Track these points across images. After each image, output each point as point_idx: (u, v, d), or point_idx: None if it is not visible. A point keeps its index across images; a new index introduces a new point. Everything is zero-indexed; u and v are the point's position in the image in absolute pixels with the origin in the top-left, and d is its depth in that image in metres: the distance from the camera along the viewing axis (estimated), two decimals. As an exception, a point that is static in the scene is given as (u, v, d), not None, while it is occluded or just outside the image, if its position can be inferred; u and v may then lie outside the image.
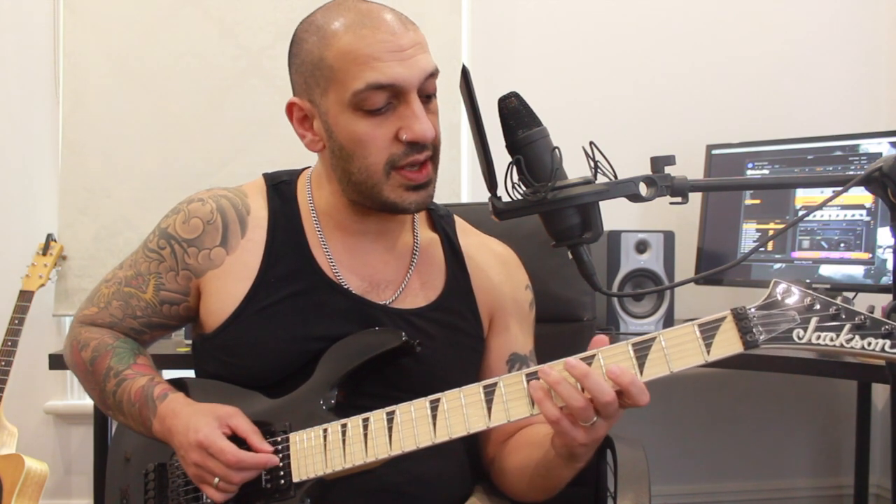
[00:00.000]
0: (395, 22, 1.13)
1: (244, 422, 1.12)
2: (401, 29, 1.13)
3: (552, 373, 0.99)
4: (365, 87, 1.10)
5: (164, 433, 1.16)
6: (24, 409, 2.58)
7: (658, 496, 2.68)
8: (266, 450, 1.10)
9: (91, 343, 1.26)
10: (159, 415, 1.17)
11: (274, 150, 2.52)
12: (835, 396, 2.80)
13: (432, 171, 1.18)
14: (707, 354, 0.97)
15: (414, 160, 1.14)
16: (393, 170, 1.15)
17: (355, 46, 1.11)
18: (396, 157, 1.14)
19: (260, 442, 1.11)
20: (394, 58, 1.10)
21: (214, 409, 1.14)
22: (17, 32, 2.57)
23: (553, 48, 2.69)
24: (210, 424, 1.11)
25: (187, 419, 1.13)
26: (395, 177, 1.15)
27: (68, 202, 2.53)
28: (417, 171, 1.15)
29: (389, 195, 1.16)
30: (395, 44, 1.11)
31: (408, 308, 1.24)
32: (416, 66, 1.12)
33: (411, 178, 1.15)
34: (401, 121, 1.13)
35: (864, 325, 0.92)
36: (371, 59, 1.10)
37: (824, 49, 2.75)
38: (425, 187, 1.17)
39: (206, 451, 1.09)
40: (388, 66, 1.10)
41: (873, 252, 2.14)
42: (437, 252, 1.31)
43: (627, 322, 2.33)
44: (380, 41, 1.11)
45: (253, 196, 1.27)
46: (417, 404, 1.06)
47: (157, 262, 1.24)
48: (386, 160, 1.14)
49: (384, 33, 1.11)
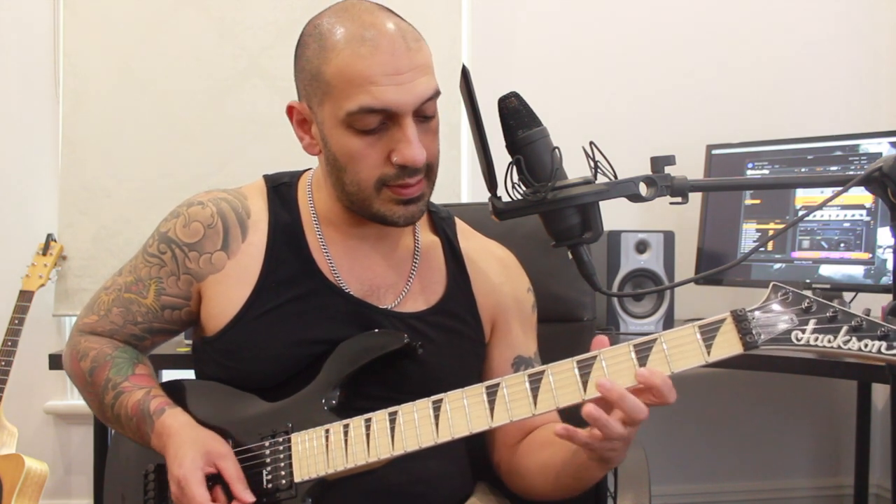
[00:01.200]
0: (397, 39, 1.10)
1: (232, 466, 1.11)
2: (401, 48, 1.10)
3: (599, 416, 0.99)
4: (358, 110, 1.09)
5: (160, 448, 1.16)
6: (24, 409, 2.58)
7: (658, 496, 2.68)
8: (246, 500, 1.08)
9: (90, 353, 1.25)
10: (156, 430, 1.16)
11: (273, 150, 2.51)
12: (835, 396, 2.80)
13: (426, 187, 1.17)
14: (707, 355, 0.98)
15: (405, 183, 1.13)
16: (384, 186, 1.14)
17: (352, 66, 1.09)
18: (387, 178, 1.13)
19: (242, 491, 1.09)
20: (390, 82, 1.08)
21: (207, 444, 1.12)
22: (17, 32, 2.58)
23: (553, 48, 2.70)
24: (194, 462, 1.09)
25: (178, 447, 1.12)
26: (385, 192, 1.15)
27: (68, 202, 2.53)
28: (409, 187, 1.14)
29: (380, 208, 1.16)
30: (393, 66, 1.08)
31: (409, 312, 1.24)
32: (412, 91, 1.09)
33: (401, 194, 1.15)
34: (393, 143, 1.11)
35: (861, 327, 0.94)
36: (366, 82, 1.08)
37: (824, 49, 2.75)
38: (416, 202, 1.16)
39: (182, 490, 1.08)
40: (382, 91, 1.08)
41: (873, 252, 2.14)
42: (438, 255, 1.30)
43: (627, 322, 2.33)
44: (377, 63, 1.08)
45: (253, 198, 1.26)
46: (420, 405, 1.07)
47: (158, 267, 1.23)
48: (377, 178, 1.13)
49: (382, 54, 1.08)
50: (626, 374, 1.00)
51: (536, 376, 1.03)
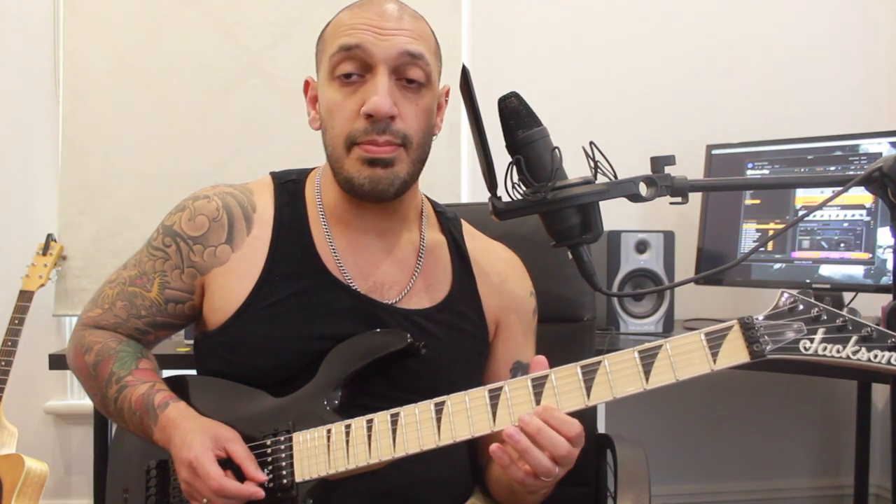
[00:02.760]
0: (391, 9, 1.17)
1: (241, 448, 1.11)
2: (393, 16, 1.16)
3: (522, 440, 1.00)
4: (337, 50, 1.15)
5: (164, 442, 1.16)
6: (24, 409, 2.58)
7: (658, 496, 2.68)
8: (259, 479, 1.09)
9: (94, 347, 1.25)
10: (160, 424, 1.16)
11: (274, 150, 2.52)
12: (835, 396, 2.81)
13: (404, 160, 1.16)
14: (713, 363, 0.98)
15: (372, 139, 1.14)
16: (354, 145, 1.15)
17: (342, 21, 1.17)
18: (356, 133, 1.14)
19: (254, 470, 1.09)
20: (369, 30, 1.14)
21: (214, 429, 1.13)
22: (17, 32, 2.58)
23: (553, 48, 2.70)
24: (204, 444, 1.09)
25: (185, 434, 1.12)
26: (355, 151, 1.16)
27: (68, 202, 2.53)
28: (377, 146, 1.14)
29: (349, 170, 1.16)
30: (378, 24, 1.15)
31: (413, 308, 1.24)
32: (390, 40, 1.14)
33: (368, 150, 1.14)
34: (366, 95, 1.14)
35: (871, 337, 0.93)
36: (348, 28, 1.15)
37: (824, 49, 2.75)
38: (384, 165, 1.15)
39: (194, 471, 1.08)
40: (360, 33, 1.14)
41: (873, 252, 2.13)
42: (444, 254, 1.31)
43: (627, 322, 2.33)
44: (363, 18, 1.15)
45: (259, 193, 1.27)
46: (422, 406, 1.07)
47: (163, 261, 1.24)
48: (347, 134, 1.15)
49: (372, 14, 1.15)
50: (630, 379, 1.00)
51: (540, 380, 1.03)
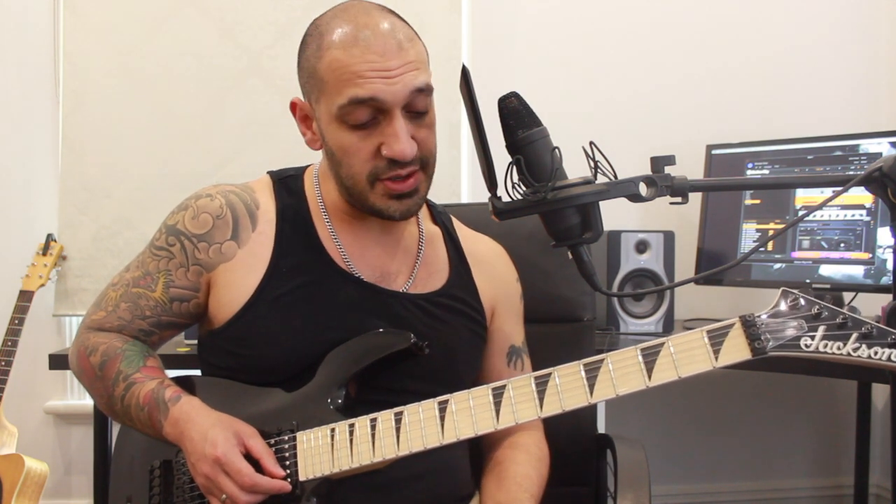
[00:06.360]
0: (389, 40, 1.13)
1: (260, 443, 1.12)
2: (393, 49, 1.13)
3: None
4: (347, 102, 1.13)
5: (176, 436, 1.15)
6: (24, 409, 2.59)
7: (658, 496, 2.68)
8: (279, 474, 1.10)
9: (100, 348, 1.25)
10: (171, 418, 1.16)
11: (274, 150, 2.52)
12: (835, 396, 2.81)
13: (423, 181, 1.20)
14: (715, 361, 0.99)
15: (396, 174, 1.16)
16: (377, 181, 1.17)
17: (343, 63, 1.13)
18: (379, 171, 1.16)
19: (274, 466, 1.11)
20: (378, 76, 1.12)
21: (234, 424, 1.13)
22: (17, 32, 2.58)
23: (553, 48, 2.70)
24: (229, 441, 1.10)
25: (205, 430, 1.12)
26: (379, 186, 1.18)
27: (68, 202, 2.53)
28: (402, 181, 1.17)
29: (375, 202, 1.19)
30: (382, 65, 1.12)
31: (420, 293, 1.27)
32: (400, 83, 1.13)
33: (394, 189, 1.17)
34: (383, 137, 1.15)
35: (871, 334, 0.93)
36: (355, 77, 1.12)
37: (824, 49, 2.75)
38: (411, 196, 1.19)
39: (220, 468, 1.09)
40: (370, 84, 1.12)
41: (873, 252, 2.13)
42: (440, 244, 1.34)
43: (627, 322, 2.33)
44: (367, 60, 1.12)
45: (260, 191, 1.28)
46: (426, 405, 1.08)
47: (167, 260, 1.24)
48: (369, 172, 1.17)
49: (373, 54, 1.12)
50: (633, 377, 1.00)
51: (543, 378, 1.04)
